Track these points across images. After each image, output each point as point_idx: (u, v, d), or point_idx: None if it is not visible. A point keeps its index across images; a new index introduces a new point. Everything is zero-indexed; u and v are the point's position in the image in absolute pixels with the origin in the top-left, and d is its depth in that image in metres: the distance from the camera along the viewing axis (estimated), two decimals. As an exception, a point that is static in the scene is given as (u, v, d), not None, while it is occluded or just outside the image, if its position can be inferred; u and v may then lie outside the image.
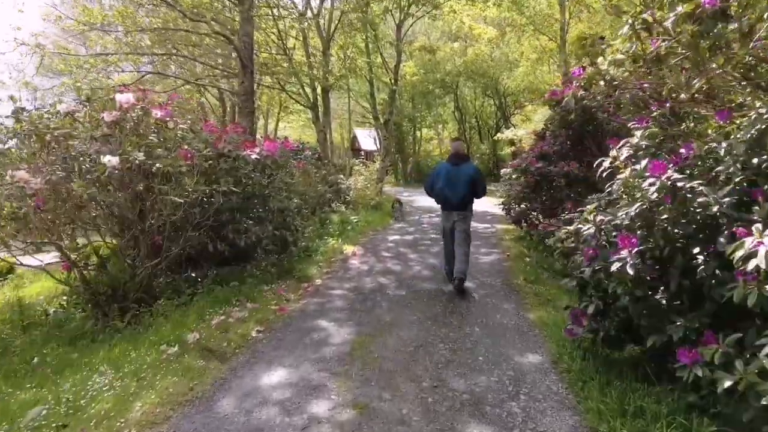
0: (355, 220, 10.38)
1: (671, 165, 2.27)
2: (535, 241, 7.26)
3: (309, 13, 12.96)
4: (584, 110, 5.15)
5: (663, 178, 2.15)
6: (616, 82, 3.33)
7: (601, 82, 3.26)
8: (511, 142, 23.56)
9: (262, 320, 4.27)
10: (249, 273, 5.72)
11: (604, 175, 2.61)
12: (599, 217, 2.60)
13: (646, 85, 3.15)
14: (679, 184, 2.12)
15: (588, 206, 2.64)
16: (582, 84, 3.09)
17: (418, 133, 27.37)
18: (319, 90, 14.46)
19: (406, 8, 13.96)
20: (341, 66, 12.74)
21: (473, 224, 5.66)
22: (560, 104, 6.59)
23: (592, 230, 2.58)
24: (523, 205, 6.96)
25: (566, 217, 6.70)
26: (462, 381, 3.05)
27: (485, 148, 24.20)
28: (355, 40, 14.40)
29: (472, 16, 14.33)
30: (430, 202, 14.92)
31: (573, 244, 2.91)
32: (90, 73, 8.27)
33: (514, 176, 7.16)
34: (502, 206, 8.00)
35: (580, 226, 2.67)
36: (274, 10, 11.06)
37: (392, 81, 14.80)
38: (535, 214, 6.77)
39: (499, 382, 3.03)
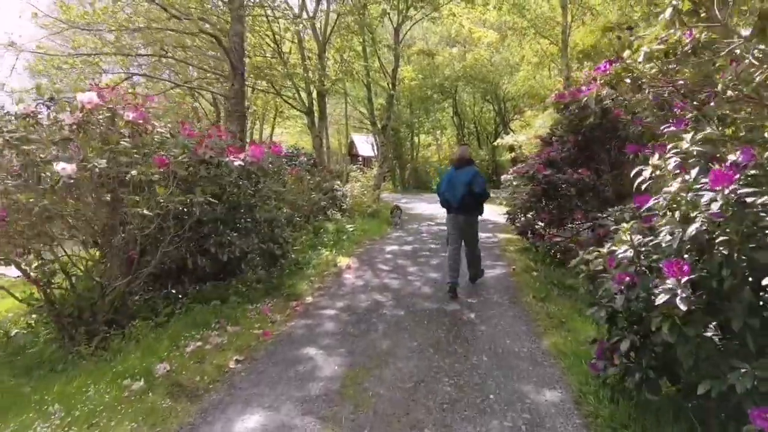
0: (351, 229, 9.93)
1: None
2: (542, 253, 6.83)
3: (304, 15, 12.58)
4: (604, 112, 4.71)
5: (726, 191, 1.72)
6: (643, 80, 2.92)
7: (627, 80, 2.85)
8: (511, 148, 23.22)
9: (242, 347, 3.80)
10: (234, 290, 5.25)
11: (643, 187, 2.17)
12: (637, 237, 2.16)
13: (680, 82, 2.73)
14: (749, 200, 1.69)
15: (622, 224, 2.20)
16: (608, 81, 2.66)
17: (416, 139, 27.01)
18: (314, 94, 14.07)
19: (404, 11, 13.61)
20: (337, 69, 12.34)
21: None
22: (567, 108, 6.20)
23: (629, 253, 2.14)
24: (529, 215, 6.52)
25: (580, 228, 6.33)
26: (471, 427, 2.59)
27: (484, 154, 23.82)
28: (352, 43, 14.05)
29: (472, 20, 14.00)
30: (429, 209, 14.45)
31: (601, 267, 2.47)
32: (69, 74, 7.83)
33: (516, 183, 6.74)
34: (506, 215, 7.57)
35: (614, 248, 2.23)
36: (268, 11, 10.66)
37: (390, 85, 14.43)
38: (541, 224, 6.33)
39: (513, 428, 2.58)
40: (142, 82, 13.15)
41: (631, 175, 2.26)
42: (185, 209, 4.47)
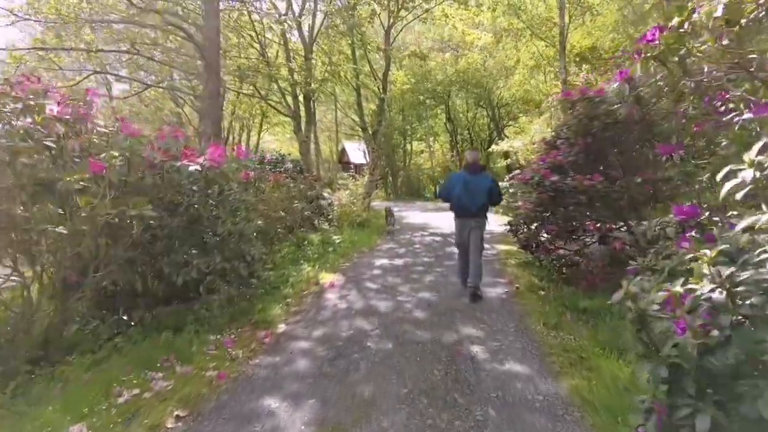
0: (337, 241, 9.20)
1: None
2: (547, 269, 6.15)
3: (290, 14, 11.93)
4: (639, 101, 3.98)
5: None
6: (693, 59, 2.25)
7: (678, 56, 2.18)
8: (506, 155, 22.69)
9: (189, 397, 3.04)
10: (195, 316, 4.49)
11: (740, 195, 1.48)
12: (725, 272, 1.46)
13: (755, 55, 2.05)
14: None
15: (704, 251, 1.50)
16: (659, 53, 1.98)
17: (408, 146, 26.42)
18: (301, 98, 13.42)
19: (395, 12, 13.03)
20: (324, 70, 11.70)
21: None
22: (575, 107, 5.57)
23: (718, 295, 1.44)
24: (533, 226, 5.83)
25: (590, 240, 5.66)
26: None
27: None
28: (341, 45, 13.43)
29: (465, 21, 13.47)
30: (422, 218, 13.76)
31: (657, 308, 1.76)
32: (10, 68, 7.08)
33: (521, 192, 6.07)
34: (507, 226, 6.91)
35: (692, 285, 1.52)
36: (250, 8, 10.00)
37: (381, 89, 13.80)
38: (547, 236, 5.65)
39: None
40: (121, 86, 12.41)
41: (720, 176, 1.57)
42: (132, 222, 3.73)
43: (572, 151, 5.62)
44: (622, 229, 5.41)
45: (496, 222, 12.06)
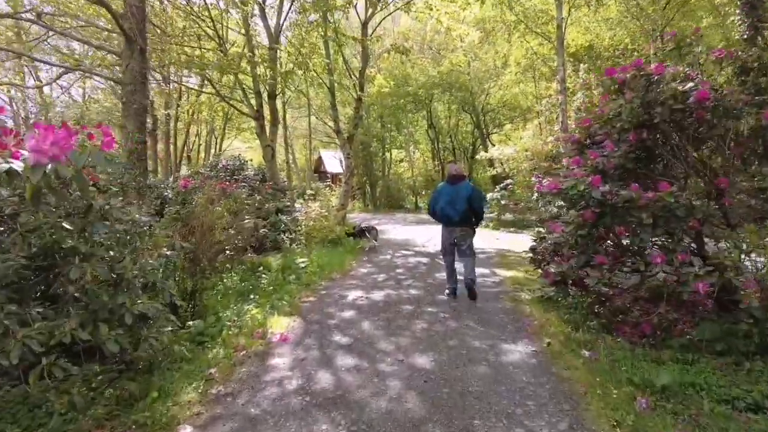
0: (302, 265, 7.43)
1: None
2: (579, 309, 4.55)
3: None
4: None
5: None
6: None
7: None
8: (490, 164, 21.39)
9: None
10: (47, 406, 2.67)
11: None
12: None
13: None
14: None
15: None
16: None
17: (388, 155, 24.84)
18: (265, 96, 11.65)
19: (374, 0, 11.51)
20: (291, 61, 9.99)
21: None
22: (625, 88, 4.05)
23: None
24: (571, 255, 4.20)
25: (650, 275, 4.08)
26: None
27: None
28: (311, 37, 11.76)
29: (451, 15, 12.06)
30: (404, 233, 12.08)
31: None
32: None
33: (554, 209, 4.49)
34: (530, 256, 5.36)
35: None
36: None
37: (357, 87, 12.18)
38: (591, 271, 4.02)
39: None
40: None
41: None
42: None
43: (618, 151, 4.08)
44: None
45: (484, 236, 10.52)
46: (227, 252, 6.19)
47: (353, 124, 13.07)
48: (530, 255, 5.15)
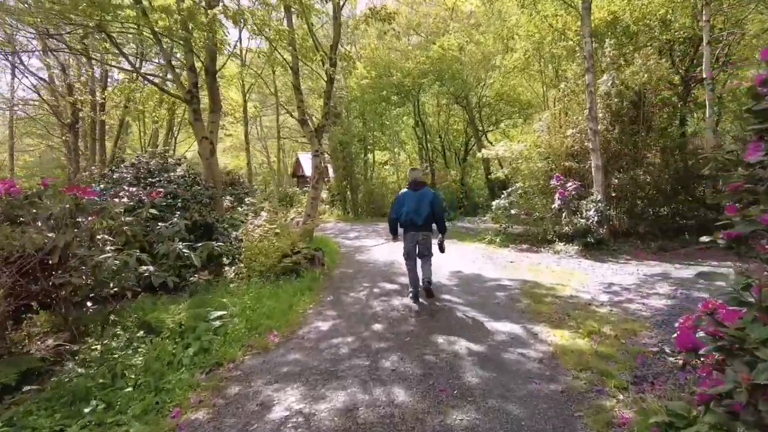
0: (227, 316, 4.64)
1: None
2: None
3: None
4: None
5: None
6: None
7: None
8: (486, 167, 18.83)
9: None
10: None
11: None
12: None
13: None
14: None
15: None
16: None
17: (370, 156, 22.08)
18: (203, 73, 8.84)
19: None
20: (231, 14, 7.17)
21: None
22: None
23: None
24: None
25: None
26: None
27: (455, 174, 19.16)
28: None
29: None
30: (386, 251, 9.19)
31: None
32: None
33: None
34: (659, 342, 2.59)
35: None
36: None
37: (329, 64, 9.44)
38: None
39: None
40: None
41: None
42: None
43: None
44: None
45: (499, 261, 7.70)
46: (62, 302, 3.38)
47: (324, 111, 10.30)
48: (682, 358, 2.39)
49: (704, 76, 8.85)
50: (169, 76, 8.37)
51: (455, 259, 8.43)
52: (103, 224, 4.17)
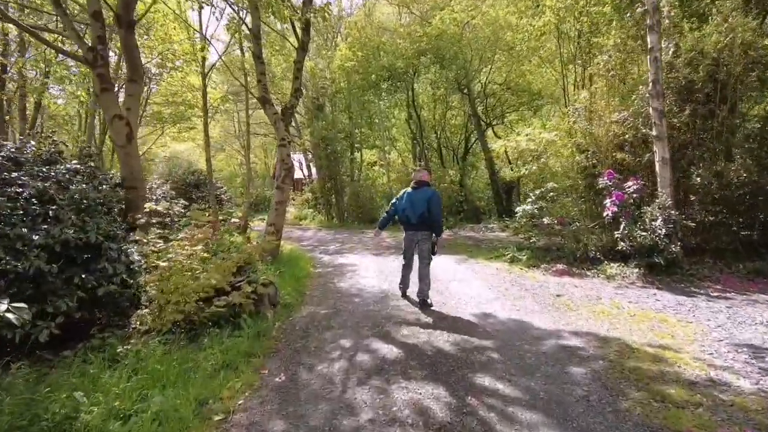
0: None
1: None
2: None
3: None
4: None
5: None
6: None
7: None
8: (491, 166, 16.42)
9: None
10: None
11: None
12: None
13: None
14: None
15: None
16: None
17: (357, 155, 19.59)
18: (110, 20, 6.36)
19: None
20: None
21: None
22: None
23: None
24: None
25: None
26: None
27: (454, 174, 16.72)
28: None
29: None
30: (378, 276, 6.30)
31: None
32: None
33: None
34: None
35: None
36: None
37: (299, 28, 6.97)
38: None
39: None
40: None
41: None
42: None
43: None
44: None
45: (542, 295, 5.16)
46: None
47: (294, 88, 7.81)
48: None
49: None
50: (62, 27, 5.80)
51: (477, 287, 6.01)
52: None
